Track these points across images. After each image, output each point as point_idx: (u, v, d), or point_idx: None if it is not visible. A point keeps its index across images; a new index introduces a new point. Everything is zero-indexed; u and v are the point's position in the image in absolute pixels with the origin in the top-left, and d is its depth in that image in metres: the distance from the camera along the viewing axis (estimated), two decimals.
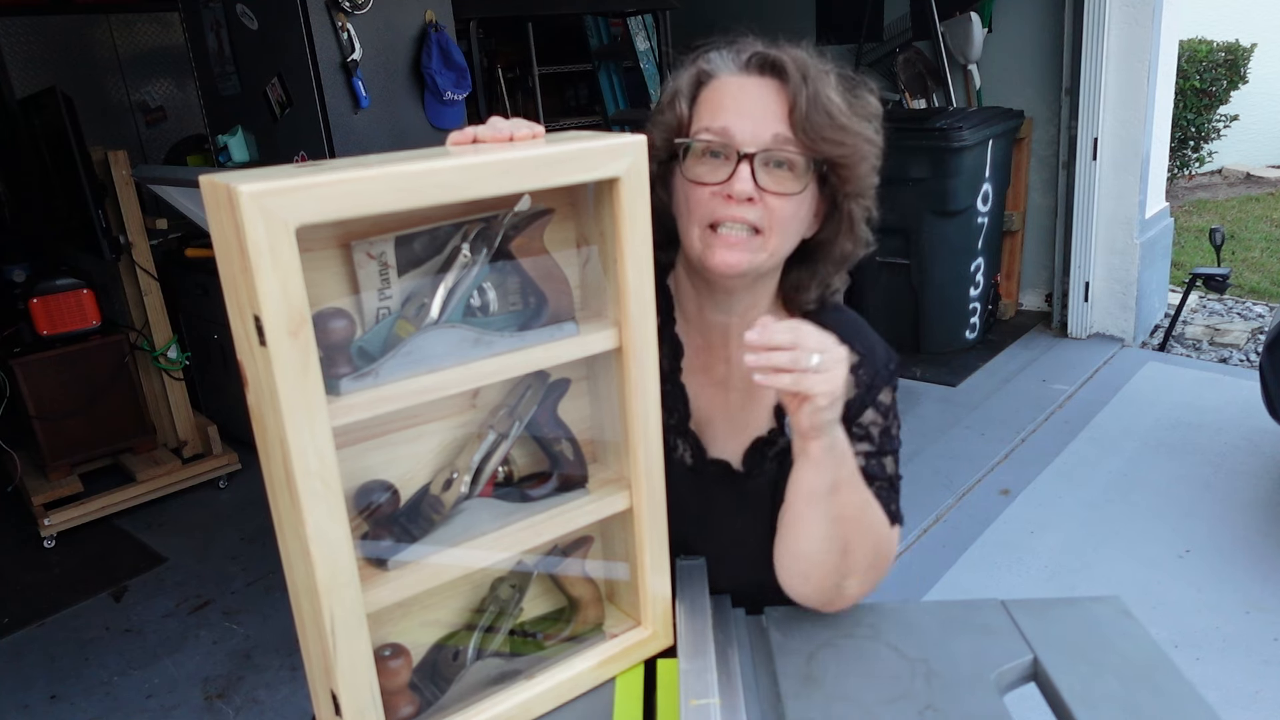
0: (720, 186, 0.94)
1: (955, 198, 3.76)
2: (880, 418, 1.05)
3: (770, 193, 0.94)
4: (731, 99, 0.96)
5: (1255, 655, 2.16)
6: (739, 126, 0.94)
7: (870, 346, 1.07)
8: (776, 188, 0.94)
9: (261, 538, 3.00)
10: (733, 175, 0.93)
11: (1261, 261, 5.41)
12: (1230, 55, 6.72)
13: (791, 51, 0.97)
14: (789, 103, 0.94)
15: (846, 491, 0.94)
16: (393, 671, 0.83)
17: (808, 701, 0.90)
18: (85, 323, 3.10)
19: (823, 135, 0.94)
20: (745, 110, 0.95)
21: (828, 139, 0.94)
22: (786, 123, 0.94)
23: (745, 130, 0.94)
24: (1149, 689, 0.90)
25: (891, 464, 1.05)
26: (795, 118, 0.94)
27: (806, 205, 0.98)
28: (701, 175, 0.96)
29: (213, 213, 0.70)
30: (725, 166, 0.94)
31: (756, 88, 0.96)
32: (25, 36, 4.18)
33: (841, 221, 1.02)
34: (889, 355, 1.08)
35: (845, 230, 1.02)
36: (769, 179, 0.94)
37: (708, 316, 1.06)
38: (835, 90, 0.96)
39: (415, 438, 0.87)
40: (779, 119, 0.94)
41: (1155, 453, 3.13)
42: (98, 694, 2.31)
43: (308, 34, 2.68)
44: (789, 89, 0.94)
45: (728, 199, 0.94)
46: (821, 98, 0.94)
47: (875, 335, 1.09)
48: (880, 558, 0.99)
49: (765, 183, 0.94)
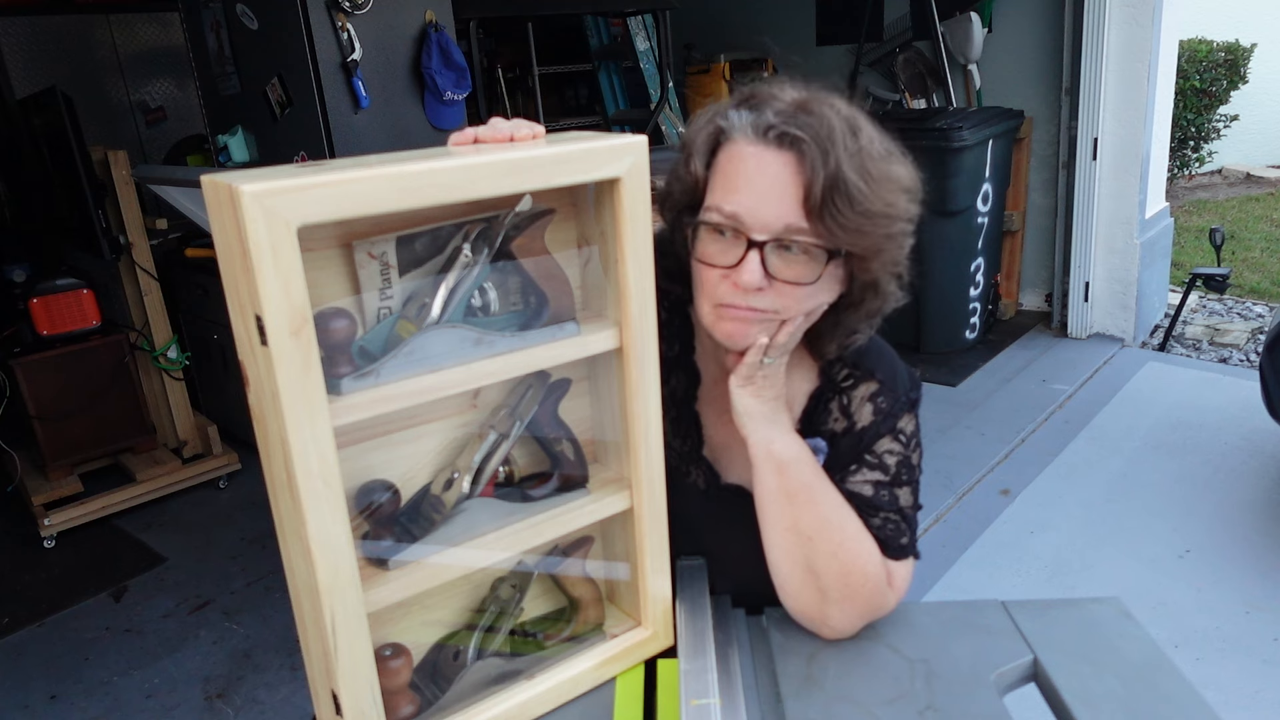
0: (729, 271, 0.89)
1: (955, 198, 3.76)
2: (899, 446, 1.01)
3: (781, 281, 0.88)
4: (745, 177, 0.88)
5: (1255, 655, 2.16)
6: (751, 211, 0.87)
7: (892, 373, 1.04)
8: (789, 277, 0.88)
9: (261, 538, 3.00)
10: (741, 263, 0.87)
11: (1261, 261, 5.41)
12: (1230, 55, 6.72)
13: (819, 112, 0.87)
14: (805, 185, 0.85)
15: (800, 505, 0.94)
16: (393, 671, 0.83)
17: (808, 701, 0.90)
18: (85, 323, 3.10)
19: (841, 224, 0.85)
20: (758, 191, 0.87)
21: (847, 228, 0.86)
22: (801, 208, 0.86)
23: (757, 215, 0.86)
24: (1149, 689, 0.90)
25: (907, 495, 1.01)
26: (810, 204, 0.85)
27: (825, 284, 0.91)
28: (711, 256, 0.90)
29: (214, 213, 0.70)
30: (734, 249, 0.88)
31: (772, 164, 0.87)
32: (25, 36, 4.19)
33: (868, 289, 0.95)
34: (912, 382, 1.04)
35: (870, 295, 0.96)
36: (781, 266, 0.88)
37: (725, 354, 1.02)
38: (859, 170, 0.86)
39: (416, 438, 0.87)
40: (794, 202, 0.86)
41: (1155, 453, 3.13)
42: (98, 694, 2.31)
43: (308, 34, 2.69)
44: (805, 170, 0.85)
45: (735, 285, 0.88)
46: (842, 181, 0.84)
47: (899, 361, 1.06)
48: (855, 586, 0.96)
49: (776, 270, 0.87)
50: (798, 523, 0.95)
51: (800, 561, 0.95)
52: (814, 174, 0.85)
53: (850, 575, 0.96)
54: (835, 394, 1.03)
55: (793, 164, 0.86)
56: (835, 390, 1.03)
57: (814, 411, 1.04)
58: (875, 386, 1.02)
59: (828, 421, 1.03)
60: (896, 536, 1.00)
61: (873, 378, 1.03)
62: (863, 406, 1.02)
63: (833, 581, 0.96)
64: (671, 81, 4.69)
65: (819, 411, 1.03)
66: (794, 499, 0.94)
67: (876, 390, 1.02)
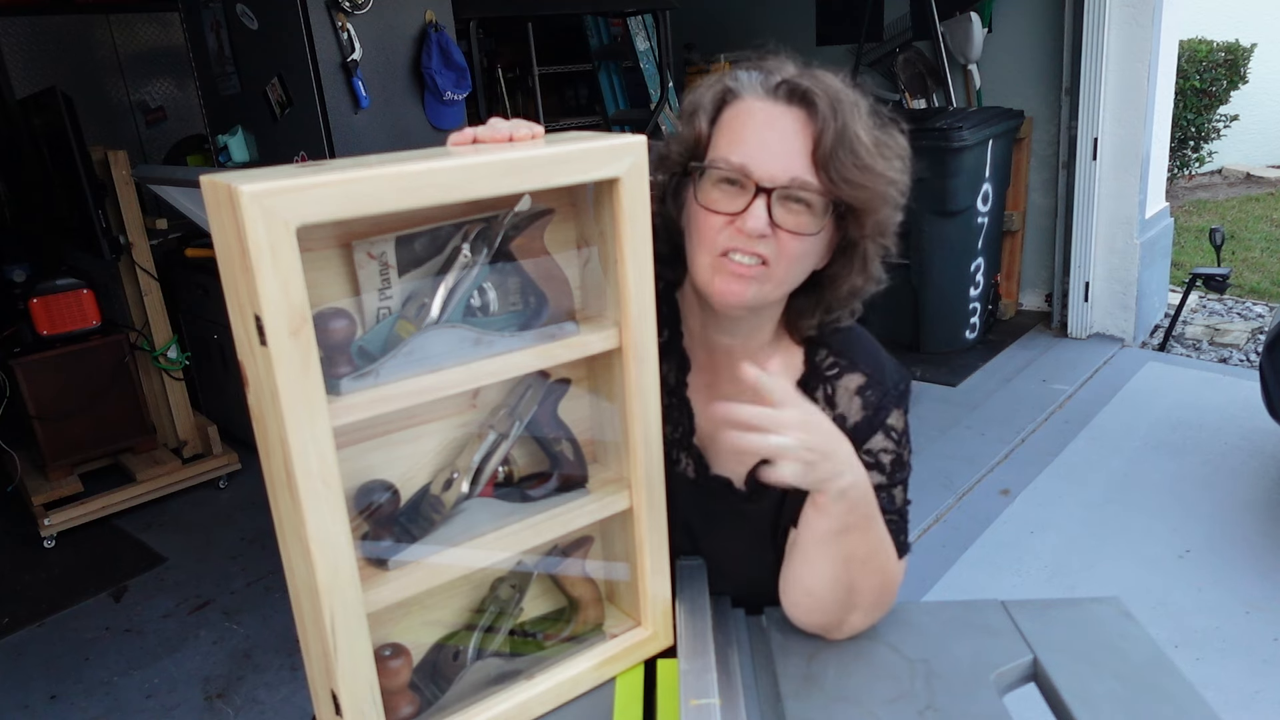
0: (733, 217, 0.91)
1: (955, 198, 3.76)
2: (891, 443, 1.01)
3: (784, 230, 0.91)
4: (754, 129, 0.91)
5: (1255, 655, 2.16)
6: (758, 161, 0.90)
7: (879, 366, 1.04)
8: (792, 226, 0.91)
9: (261, 538, 3.00)
10: (747, 209, 0.89)
11: (1261, 261, 5.41)
12: (1230, 55, 6.72)
13: (824, 81, 0.92)
14: (814, 138, 0.89)
15: (857, 535, 0.93)
16: (393, 671, 0.83)
17: (808, 701, 0.90)
18: (85, 323, 3.10)
19: (845, 176, 0.89)
20: (767, 143, 0.90)
21: (850, 180, 0.90)
22: (809, 160, 0.90)
23: (764, 166, 0.89)
24: (1149, 689, 0.90)
25: (901, 494, 1.03)
26: (819, 155, 0.89)
27: (820, 241, 0.94)
28: (715, 203, 0.92)
29: (214, 213, 0.70)
30: (741, 197, 0.90)
31: (782, 118, 0.91)
32: (25, 36, 4.19)
33: (854, 259, 0.98)
34: (899, 375, 1.04)
35: (857, 267, 0.98)
36: (785, 216, 0.90)
37: (711, 337, 1.04)
38: (864, 127, 0.91)
39: (415, 438, 0.87)
40: (801, 155, 0.90)
41: (1155, 453, 3.13)
42: (98, 694, 2.31)
43: (308, 34, 2.69)
44: (816, 122, 0.89)
45: (739, 231, 0.90)
46: (848, 135, 0.89)
47: (885, 354, 1.06)
48: (886, 594, 0.98)
49: (780, 219, 0.90)
50: (854, 551, 0.93)
51: (845, 584, 0.95)
52: (824, 125, 0.89)
53: (886, 585, 0.97)
54: (820, 383, 1.03)
55: (802, 118, 0.90)
56: (820, 379, 1.03)
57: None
58: (862, 379, 1.02)
59: None
60: (896, 535, 1.00)
61: (858, 370, 1.03)
62: (851, 400, 1.02)
63: (870, 596, 0.96)
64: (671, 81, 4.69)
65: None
66: (854, 530, 0.92)
67: (863, 384, 1.02)
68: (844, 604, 0.96)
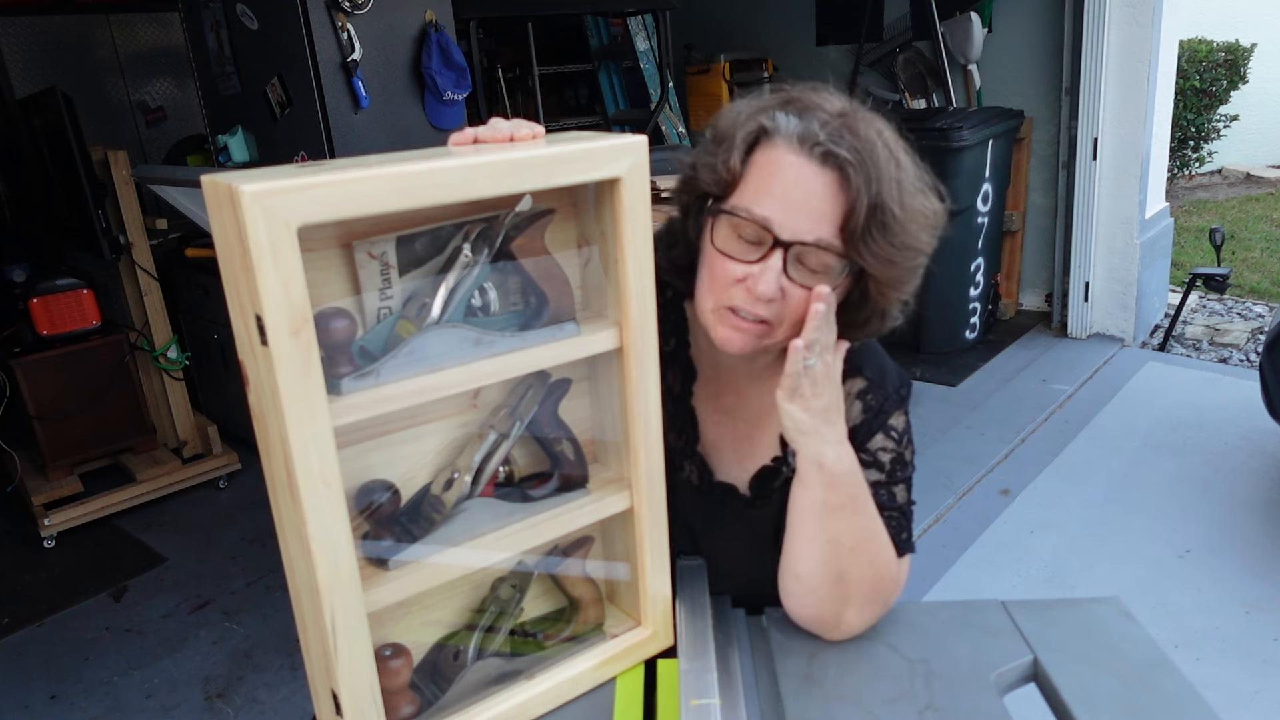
0: (745, 271, 0.88)
1: (955, 198, 3.76)
2: (892, 443, 1.01)
3: (797, 285, 0.88)
4: (782, 185, 0.86)
5: (1255, 655, 2.16)
6: (782, 216, 0.86)
7: (881, 369, 1.04)
8: (804, 283, 0.88)
9: (261, 538, 3.00)
10: (761, 262, 0.87)
11: (1261, 261, 5.41)
12: (1230, 55, 6.72)
13: (865, 139, 0.86)
14: (845, 210, 0.85)
15: (843, 518, 0.93)
16: (393, 671, 0.83)
17: (808, 701, 0.90)
18: (85, 323, 3.10)
19: (874, 252, 0.86)
20: (794, 202, 0.86)
21: (878, 256, 0.86)
22: (837, 229, 0.86)
23: (788, 224, 0.86)
24: (1149, 689, 0.90)
25: (903, 492, 1.02)
26: (847, 229, 0.86)
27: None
28: (731, 249, 0.89)
29: (214, 213, 0.70)
30: (756, 250, 0.88)
31: (813, 179, 0.86)
32: (25, 36, 4.19)
33: (872, 311, 0.95)
34: (901, 379, 1.04)
35: (874, 317, 0.96)
36: (799, 273, 0.88)
37: (718, 355, 1.03)
38: (900, 199, 0.86)
39: (416, 438, 0.87)
40: (829, 221, 0.86)
41: (1155, 453, 3.13)
42: (98, 694, 2.31)
43: (308, 34, 2.69)
44: (849, 193, 0.85)
45: (748, 291, 0.88)
46: (882, 212, 0.85)
47: (888, 358, 1.07)
48: (881, 590, 0.98)
49: (794, 275, 0.88)
50: (840, 534, 0.93)
51: (834, 571, 0.94)
52: (858, 199, 0.85)
53: (880, 580, 0.97)
54: None
55: (834, 184, 0.86)
56: None
57: None
58: (863, 384, 1.02)
59: None
60: (897, 533, 1.00)
61: (860, 374, 1.03)
62: (852, 404, 1.02)
63: (862, 588, 0.96)
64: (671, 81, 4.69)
65: None
66: (839, 511, 0.93)
67: (865, 388, 1.02)
68: (836, 596, 0.95)
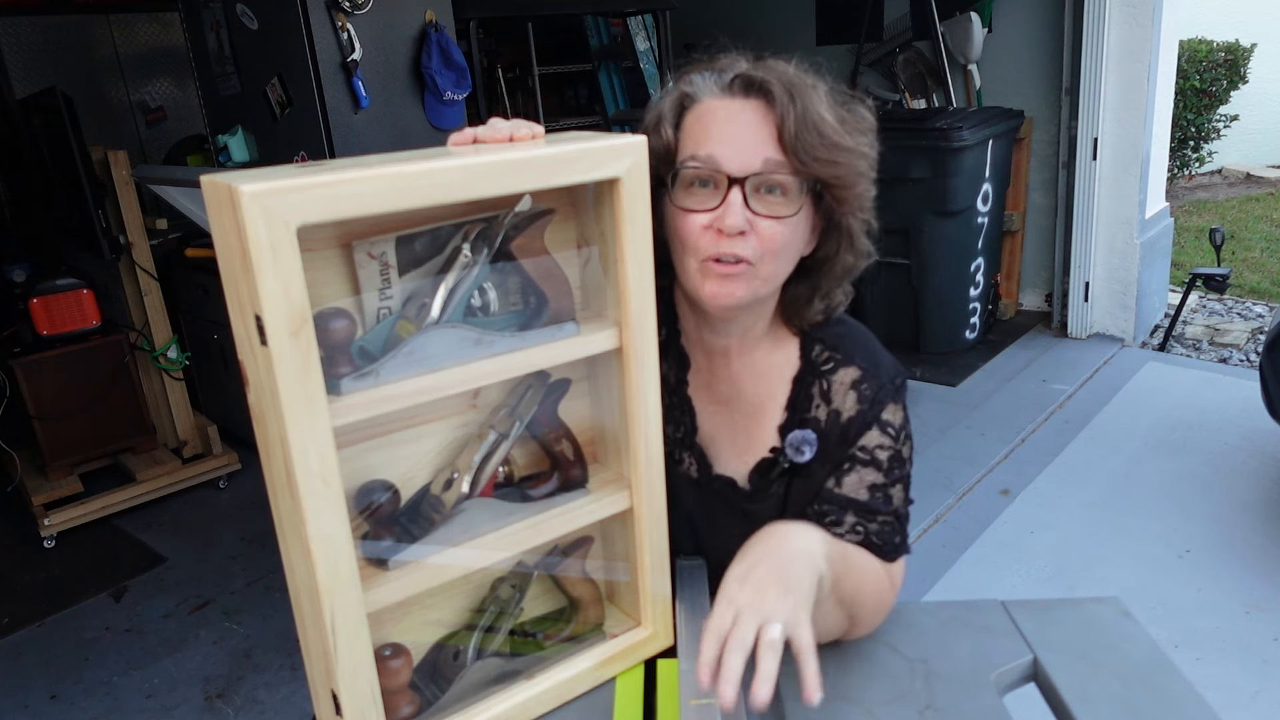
0: (711, 217, 0.90)
1: (955, 198, 3.76)
2: (888, 439, 1.00)
3: (763, 217, 0.90)
4: (717, 125, 0.92)
5: (1255, 655, 2.16)
6: (726, 153, 0.90)
7: (875, 360, 1.03)
8: (769, 212, 0.90)
9: (261, 538, 3.00)
10: (723, 203, 0.90)
11: (1261, 261, 5.41)
12: (1230, 55, 6.72)
13: (777, 68, 0.93)
14: (777, 124, 0.90)
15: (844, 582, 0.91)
16: (393, 671, 0.83)
17: None
18: (85, 323, 3.10)
19: (815, 155, 0.90)
20: (732, 136, 0.91)
21: (820, 159, 0.90)
22: (776, 145, 0.90)
23: (733, 157, 0.90)
24: (1149, 689, 0.90)
25: (900, 493, 1.01)
26: (785, 139, 0.90)
27: (802, 226, 0.94)
28: (691, 204, 0.92)
29: (214, 213, 0.70)
30: (715, 194, 0.90)
31: (742, 111, 0.91)
32: (25, 36, 4.19)
33: (840, 238, 0.98)
34: (895, 370, 1.03)
35: (845, 245, 0.99)
36: (761, 205, 0.90)
37: (706, 339, 1.04)
38: (826, 107, 0.92)
39: (416, 438, 0.87)
40: (768, 142, 0.90)
41: (1155, 453, 3.13)
42: (98, 694, 2.31)
43: (308, 34, 2.69)
44: (776, 109, 0.90)
45: (719, 234, 0.90)
46: (811, 115, 0.90)
47: (881, 349, 1.06)
48: (884, 603, 0.99)
49: (758, 208, 0.90)
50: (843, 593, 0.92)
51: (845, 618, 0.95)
52: (785, 111, 0.90)
53: (882, 597, 0.99)
54: (816, 378, 1.03)
55: (761, 109, 0.91)
56: (816, 374, 1.03)
57: (797, 397, 1.03)
58: (857, 373, 1.02)
59: (810, 408, 1.02)
60: (892, 537, 1.00)
61: (854, 363, 1.02)
62: (846, 394, 1.01)
63: (866, 614, 0.97)
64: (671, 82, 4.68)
65: (801, 397, 1.03)
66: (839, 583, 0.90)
67: (859, 377, 1.01)
68: (845, 631, 0.98)
